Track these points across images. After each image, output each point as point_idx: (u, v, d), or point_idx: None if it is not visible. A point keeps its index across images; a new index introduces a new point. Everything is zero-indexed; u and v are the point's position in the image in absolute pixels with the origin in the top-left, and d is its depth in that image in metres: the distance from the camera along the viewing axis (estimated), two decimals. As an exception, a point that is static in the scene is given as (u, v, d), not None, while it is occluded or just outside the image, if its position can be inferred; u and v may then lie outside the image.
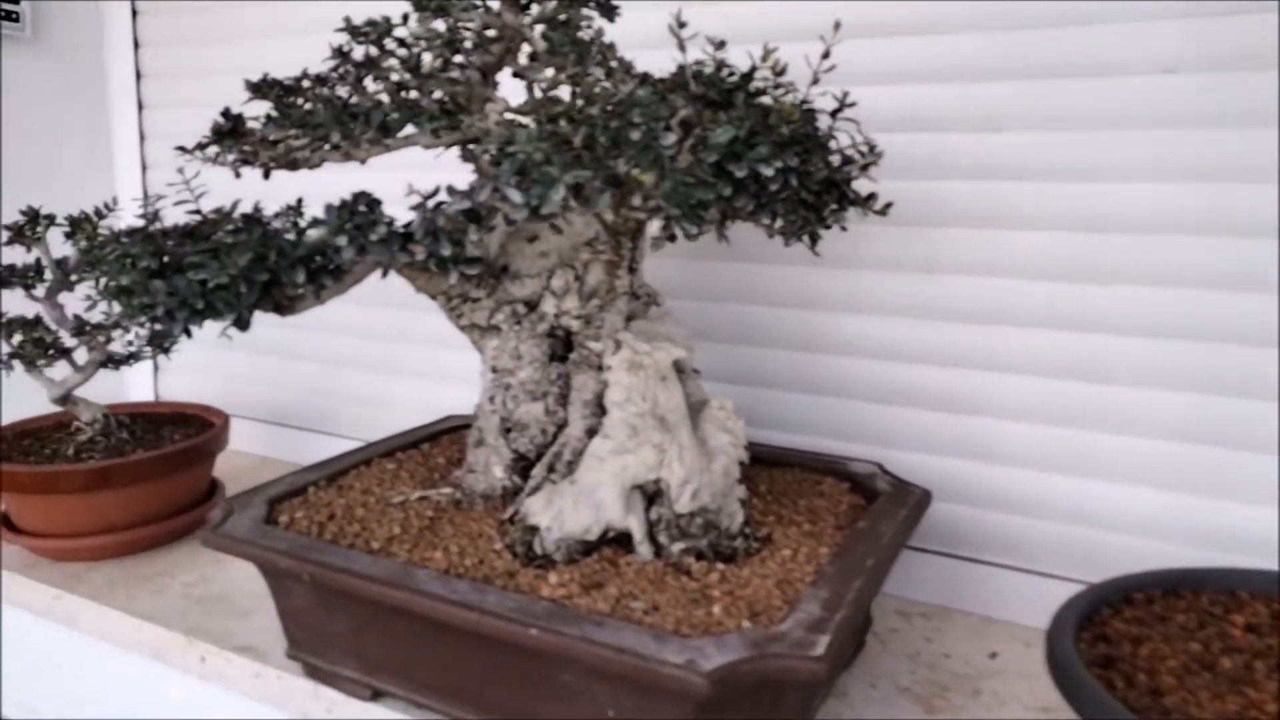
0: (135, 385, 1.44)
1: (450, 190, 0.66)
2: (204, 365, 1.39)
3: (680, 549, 0.69)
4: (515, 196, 0.60)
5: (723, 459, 0.72)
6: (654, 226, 0.60)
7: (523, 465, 0.80)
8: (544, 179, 0.60)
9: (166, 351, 1.06)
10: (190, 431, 1.09)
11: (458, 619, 0.63)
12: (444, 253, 0.70)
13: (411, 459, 0.93)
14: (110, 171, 1.40)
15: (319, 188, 0.83)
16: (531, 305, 0.81)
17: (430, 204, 0.69)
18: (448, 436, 1.00)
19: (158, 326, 0.73)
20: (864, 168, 0.68)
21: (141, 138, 1.39)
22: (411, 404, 1.21)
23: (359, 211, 0.71)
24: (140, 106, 1.39)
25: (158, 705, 0.98)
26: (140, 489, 1.00)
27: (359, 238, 0.70)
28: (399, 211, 0.70)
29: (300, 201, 0.80)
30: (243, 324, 0.72)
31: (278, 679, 0.81)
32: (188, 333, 0.75)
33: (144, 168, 1.40)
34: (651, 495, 0.71)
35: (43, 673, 1.09)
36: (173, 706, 0.96)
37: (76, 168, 1.36)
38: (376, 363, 1.25)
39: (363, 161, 0.80)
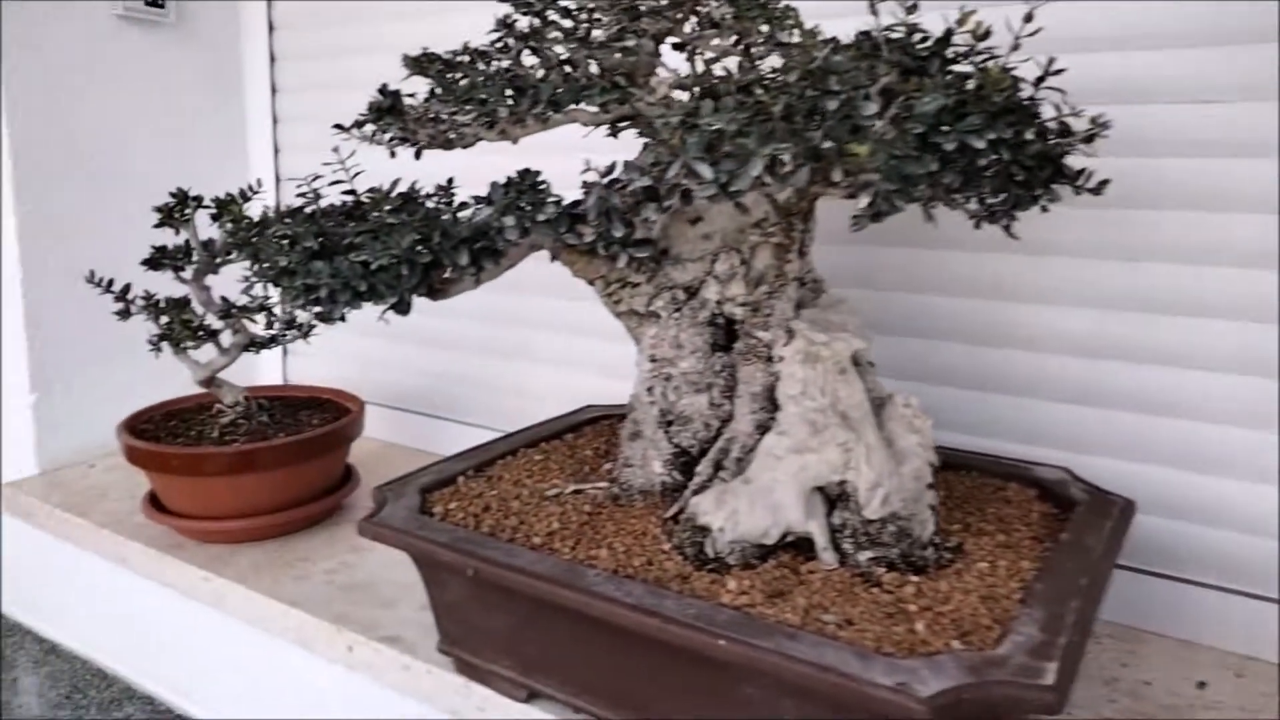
0: (265, 369, 1.46)
1: (628, 166, 0.62)
2: (331, 350, 1.39)
3: (868, 558, 0.64)
4: (705, 172, 0.56)
5: (914, 461, 0.66)
6: (860, 202, 0.54)
7: (683, 461, 0.76)
8: (740, 152, 0.55)
9: (307, 336, 1.05)
10: (327, 416, 1.08)
11: (634, 624, 0.59)
12: (616, 234, 0.66)
13: (557, 450, 0.90)
14: (245, 156, 1.41)
15: (446, 171, 0.79)
16: (692, 291, 0.77)
17: (602, 183, 0.65)
18: (590, 427, 0.97)
19: (317, 309, 0.71)
20: (1087, 139, 0.61)
21: (274, 121, 1.40)
22: (542, 392, 1.19)
23: (526, 190, 0.67)
24: (274, 90, 1.40)
25: (304, 690, 0.97)
26: (282, 473, 0.99)
27: (526, 218, 0.67)
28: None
29: (451, 182, 0.78)
30: (403, 307, 0.70)
31: (428, 673, 0.79)
32: (341, 317, 0.73)
33: (276, 151, 1.40)
34: (833, 498, 0.66)
35: (185, 649, 1.10)
36: (319, 691, 0.96)
37: (213, 151, 1.38)
38: (505, 350, 1.23)
39: (515, 141, 0.76)
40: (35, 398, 1.23)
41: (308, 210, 0.73)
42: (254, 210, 1.03)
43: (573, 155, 0.73)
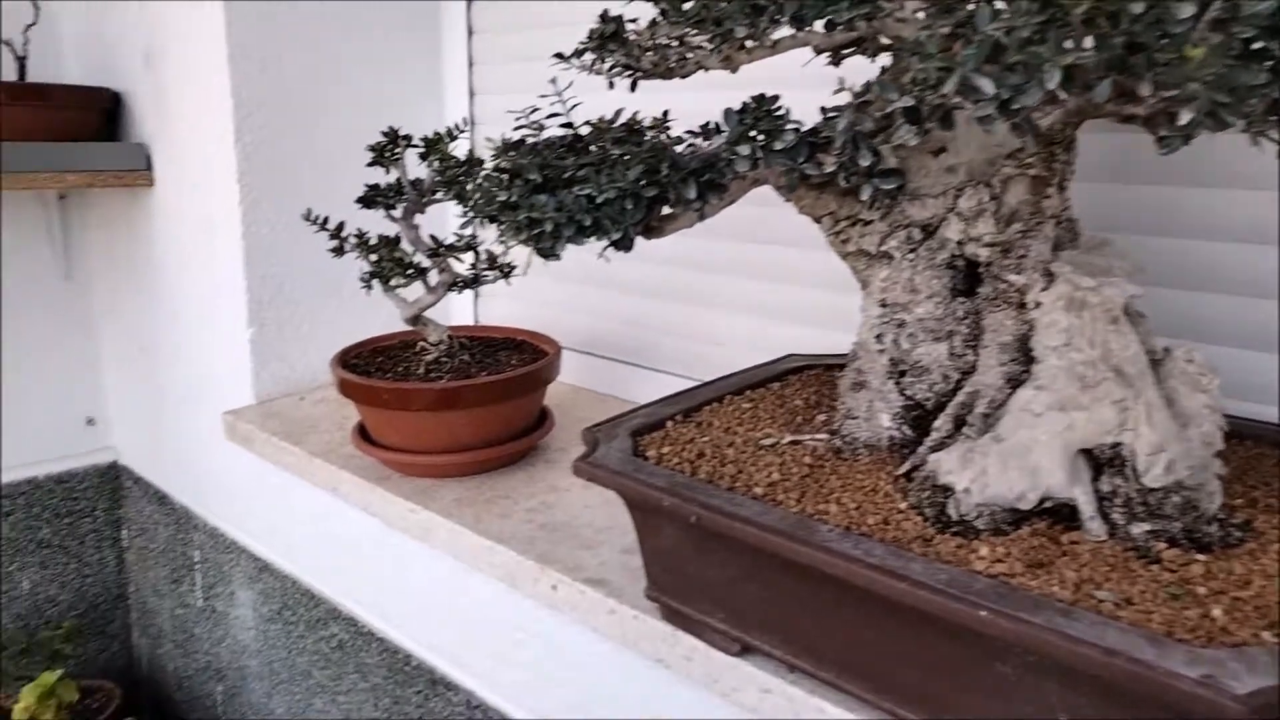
0: (457, 311, 1.48)
1: (885, 85, 0.56)
2: (523, 292, 1.40)
3: (1144, 531, 0.56)
4: (985, 87, 0.49)
5: (1202, 424, 0.58)
6: (1183, 118, 0.46)
7: (915, 415, 0.70)
8: (1032, 62, 0.48)
9: (508, 277, 1.05)
10: (525, 357, 1.09)
11: (876, 586, 0.55)
12: (862, 162, 0.60)
13: (764, 398, 0.86)
14: (441, 98, 1.43)
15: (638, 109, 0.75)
16: (930, 230, 0.70)
17: (854, 104, 0.59)
18: (795, 376, 0.92)
19: (538, 245, 0.70)
20: None
21: (470, 64, 1.40)
22: (738, 340, 1.15)
23: (763, 117, 0.62)
24: (470, 32, 1.40)
25: (503, 624, 0.99)
26: (484, 411, 1.00)
27: (760, 147, 0.62)
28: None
29: (666, 114, 0.74)
30: (627, 243, 0.67)
31: (634, 618, 0.77)
32: (557, 256, 0.71)
33: (471, 94, 1.41)
34: (1102, 462, 0.59)
35: (388, 576, 1.15)
36: (519, 627, 0.97)
37: (412, 94, 1.40)
38: (696, 295, 1.19)
39: (735, 70, 0.72)
40: (252, 332, 1.30)
41: (530, 143, 0.71)
42: (459, 150, 1.04)
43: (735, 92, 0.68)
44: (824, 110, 0.63)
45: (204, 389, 1.44)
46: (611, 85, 0.75)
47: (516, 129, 0.74)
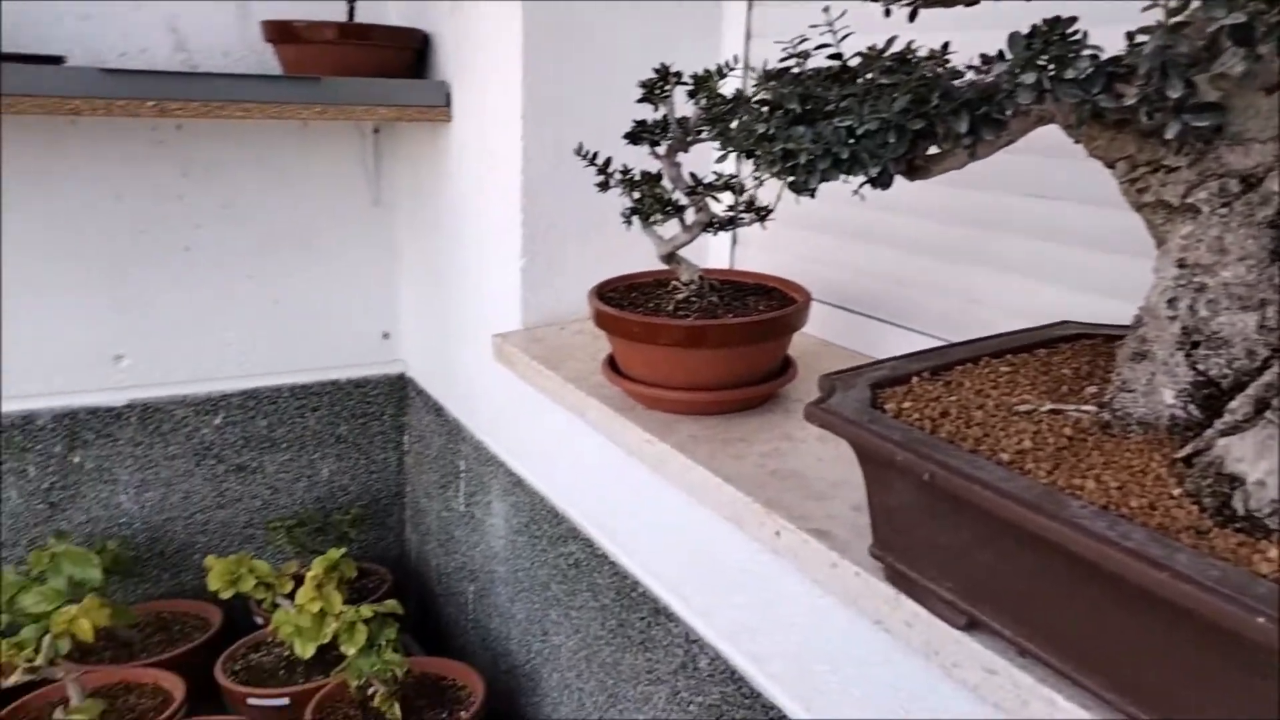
0: (714, 256, 1.49)
1: (1208, 3, 0.48)
2: (780, 243, 1.38)
3: None
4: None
5: None
6: None
7: (1206, 393, 0.61)
8: None
9: (764, 219, 1.04)
10: (773, 303, 1.07)
11: (1132, 573, 0.48)
12: (1171, 94, 0.52)
13: (1027, 364, 0.79)
14: (718, 39, 1.43)
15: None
16: (1251, 182, 0.60)
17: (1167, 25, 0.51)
18: (1067, 345, 0.83)
19: (791, 178, 0.68)
20: None
21: (750, 4, 1.39)
22: (1002, 303, 1.06)
23: (1055, 41, 0.56)
24: (751, -25, 1.38)
25: (725, 563, 1.00)
26: (727, 352, 1.00)
27: (1048, 76, 0.56)
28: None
29: (946, 46, 0.69)
30: (885, 179, 0.63)
31: (855, 575, 0.75)
32: (812, 192, 0.69)
33: (748, 37, 1.40)
34: None
35: (623, 502, 1.19)
36: (741, 570, 0.97)
37: (688, 33, 1.41)
38: (959, 253, 1.11)
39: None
40: (524, 263, 1.39)
41: (793, 73, 0.69)
42: (727, 89, 1.03)
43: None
44: (1129, 36, 0.55)
45: (479, 313, 1.56)
46: (888, 13, 0.71)
47: (782, 60, 0.73)
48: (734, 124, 0.79)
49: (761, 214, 1.03)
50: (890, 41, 0.67)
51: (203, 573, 1.67)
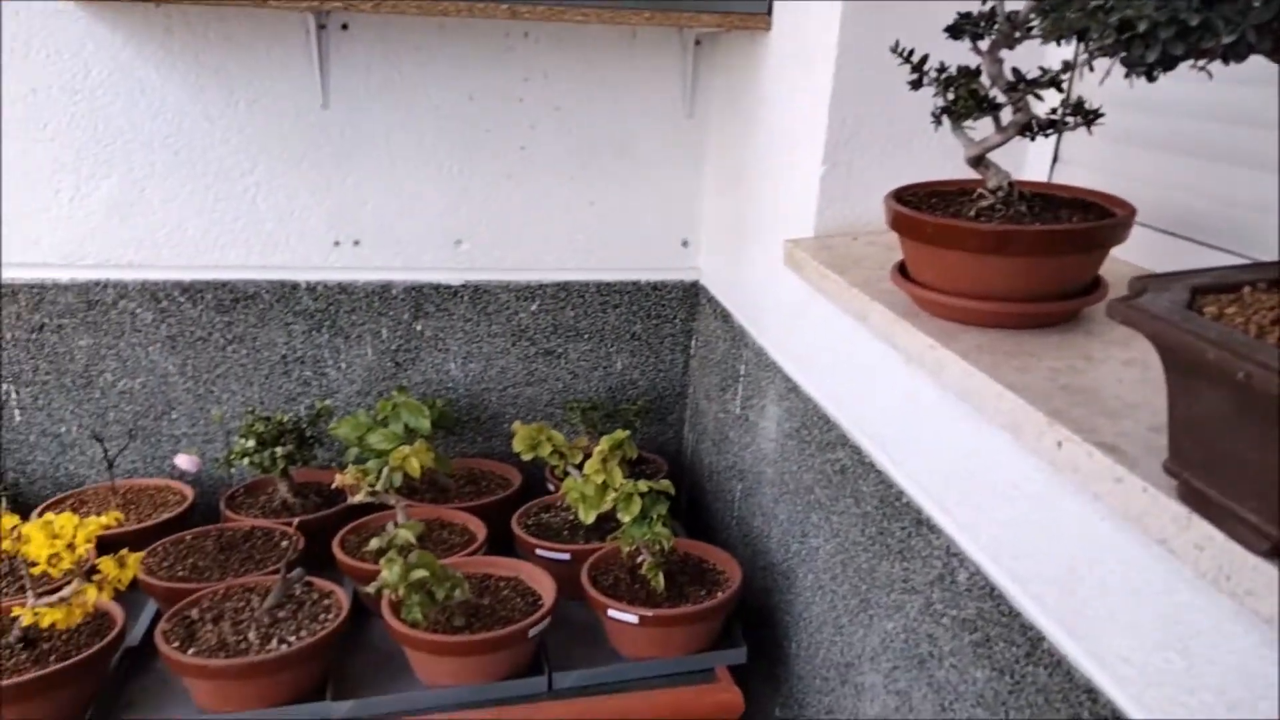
0: (1031, 172, 1.41)
1: None
2: (1108, 163, 1.27)
3: None
4: None
5: None
6: None
7: None
8: None
9: (1090, 123, 0.97)
10: (1089, 218, 1.00)
11: None
12: None
13: (1396, 288, 0.68)
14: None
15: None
16: None
17: None
18: None
19: (1124, 53, 0.63)
20: None
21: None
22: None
23: None
24: None
25: (997, 475, 0.98)
26: (1029, 262, 0.96)
27: None
28: None
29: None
30: (1240, 49, 0.57)
31: (1143, 491, 0.70)
32: (1149, 72, 0.64)
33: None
34: None
35: (895, 411, 1.19)
36: (1011, 486, 0.95)
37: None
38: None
39: None
40: (824, 170, 1.39)
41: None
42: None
43: None
44: None
45: (774, 219, 1.59)
46: None
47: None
48: (1070, 14, 0.74)
49: (1089, 117, 0.96)
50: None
51: (509, 439, 1.88)
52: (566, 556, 1.65)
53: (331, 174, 1.85)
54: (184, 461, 1.74)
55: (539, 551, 1.67)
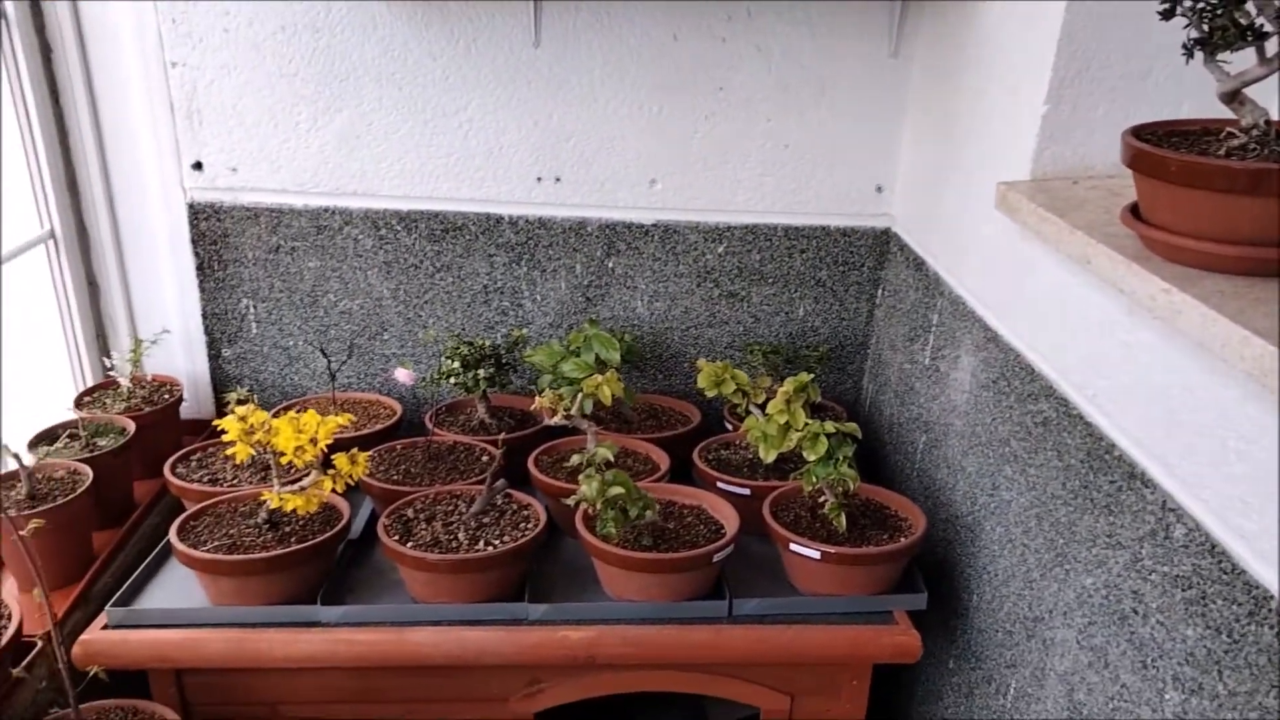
0: None
1: None
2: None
3: None
4: None
5: None
6: None
7: None
8: None
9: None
10: (1360, 158, 0.92)
11: None
12: None
13: None
14: None
15: None
16: None
17: None
18: None
19: None
20: None
21: None
22: None
23: None
24: None
25: (1229, 432, 0.93)
26: (1285, 204, 0.90)
27: None
28: None
29: None
30: None
31: None
32: None
33: None
34: None
35: (1113, 361, 1.14)
36: (1247, 441, 0.91)
37: None
38: None
39: None
40: (1046, 109, 1.34)
41: None
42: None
43: None
44: None
45: (984, 162, 1.54)
46: None
47: None
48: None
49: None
50: None
51: (689, 378, 1.93)
52: (746, 492, 1.69)
53: (538, 111, 1.93)
54: (402, 375, 1.89)
55: (719, 485, 1.72)
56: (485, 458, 1.81)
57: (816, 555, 1.47)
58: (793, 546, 1.49)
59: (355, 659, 1.44)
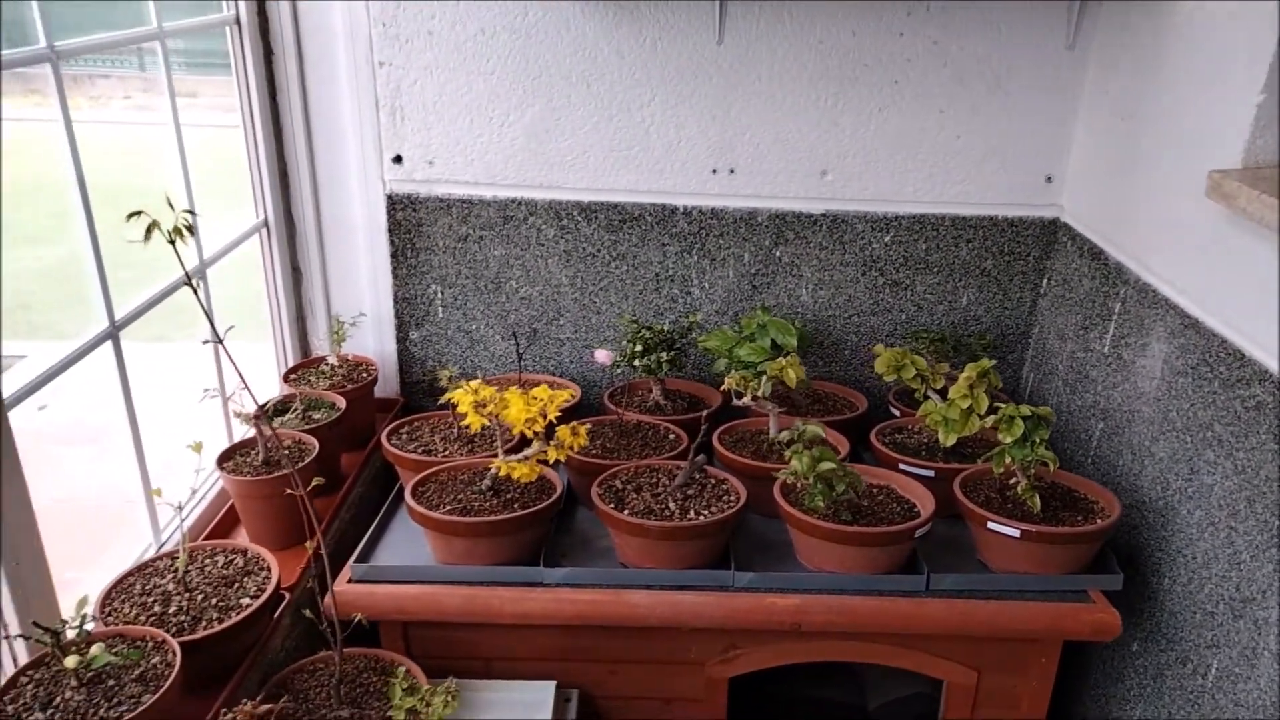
0: None
1: None
2: None
3: None
4: None
5: None
6: None
7: None
8: None
9: None
10: None
11: None
12: None
13: None
14: None
15: None
16: None
17: None
18: None
19: None
20: None
21: None
22: None
23: None
24: None
25: None
26: None
27: None
28: None
29: None
30: None
31: None
32: None
33: None
34: None
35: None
36: None
37: None
38: None
39: None
40: (1262, 98, 1.36)
41: None
42: None
43: None
44: None
45: (1183, 151, 1.56)
46: None
47: None
48: None
49: None
50: None
51: (849, 364, 1.98)
52: (930, 473, 1.75)
53: (716, 106, 2.01)
54: (602, 355, 2.00)
55: (901, 467, 1.78)
56: (672, 436, 1.90)
57: (1016, 534, 1.52)
58: (990, 525, 1.54)
59: (576, 617, 1.55)
